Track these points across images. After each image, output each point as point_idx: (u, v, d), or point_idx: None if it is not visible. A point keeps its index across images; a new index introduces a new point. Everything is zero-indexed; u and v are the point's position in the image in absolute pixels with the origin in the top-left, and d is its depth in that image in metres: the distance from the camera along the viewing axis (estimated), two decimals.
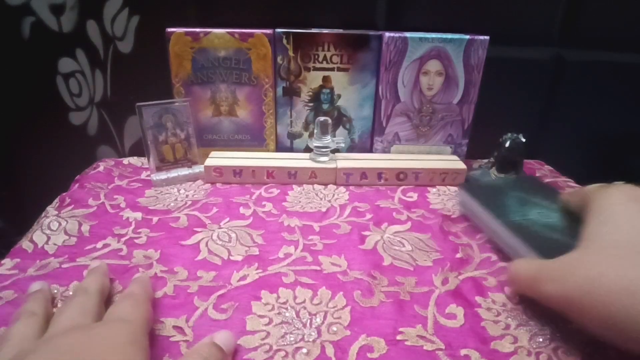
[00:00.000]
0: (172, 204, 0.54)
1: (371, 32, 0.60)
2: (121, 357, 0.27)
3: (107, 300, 0.36)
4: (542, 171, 0.69)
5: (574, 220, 0.39)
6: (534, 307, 0.37)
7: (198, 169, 0.62)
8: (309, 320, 0.35)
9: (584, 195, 0.39)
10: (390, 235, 0.49)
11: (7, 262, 0.42)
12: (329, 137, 0.60)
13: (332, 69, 0.62)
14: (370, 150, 0.67)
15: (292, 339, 0.33)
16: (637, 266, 0.27)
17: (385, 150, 0.66)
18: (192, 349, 0.31)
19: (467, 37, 0.59)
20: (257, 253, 0.45)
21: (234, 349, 0.32)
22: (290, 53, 0.60)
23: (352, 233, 0.49)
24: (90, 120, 0.65)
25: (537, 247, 0.38)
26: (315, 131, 0.60)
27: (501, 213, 0.45)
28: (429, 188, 0.61)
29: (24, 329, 0.30)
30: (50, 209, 0.52)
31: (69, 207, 0.52)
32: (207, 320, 0.35)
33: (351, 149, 0.67)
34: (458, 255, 0.45)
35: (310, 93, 0.63)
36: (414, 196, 0.58)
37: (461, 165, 0.62)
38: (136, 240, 0.46)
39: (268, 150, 0.66)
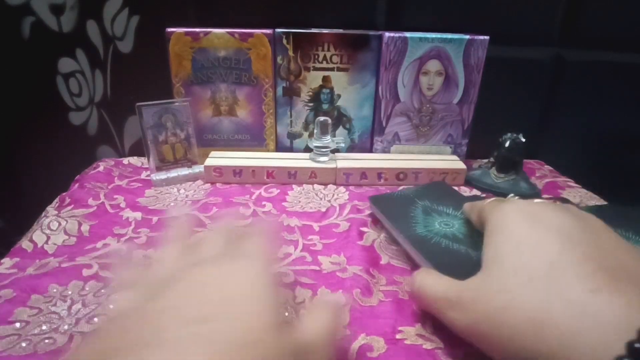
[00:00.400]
0: (172, 204, 0.54)
1: (371, 32, 0.60)
2: (261, 292, 0.25)
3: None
4: (542, 171, 0.69)
5: (475, 229, 0.39)
6: None
7: (198, 169, 0.62)
8: None
9: (480, 210, 0.37)
10: (387, 234, 0.49)
11: (7, 261, 0.42)
12: (328, 137, 0.60)
13: (332, 69, 0.62)
14: (370, 150, 0.67)
15: None
16: (538, 291, 0.25)
17: (385, 150, 0.66)
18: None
19: (467, 37, 0.59)
20: None
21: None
22: (290, 53, 0.60)
23: (350, 229, 0.49)
24: (90, 120, 0.65)
25: (436, 261, 0.38)
26: (315, 131, 0.60)
27: (405, 225, 0.44)
28: None
29: (174, 253, 0.31)
30: (50, 209, 0.52)
31: (69, 207, 0.52)
32: None
33: (351, 149, 0.67)
34: None
35: (310, 93, 0.63)
36: None
37: (461, 165, 0.62)
38: (136, 240, 0.46)
39: (268, 150, 0.66)
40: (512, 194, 0.46)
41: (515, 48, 0.69)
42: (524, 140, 0.59)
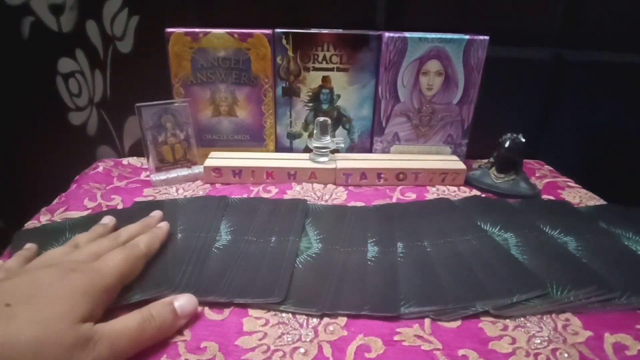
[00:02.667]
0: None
1: (371, 32, 0.60)
2: (70, 302, 0.29)
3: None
4: (542, 171, 0.69)
5: None
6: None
7: (197, 169, 0.61)
8: (305, 321, 0.35)
9: None
10: None
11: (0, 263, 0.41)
12: (328, 137, 0.60)
13: (331, 69, 0.62)
14: (370, 151, 0.67)
15: (289, 339, 0.33)
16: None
17: (385, 151, 0.66)
18: (149, 305, 0.34)
19: (467, 37, 0.59)
20: None
21: (192, 314, 0.35)
22: (290, 53, 0.60)
23: None
24: (89, 120, 0.65)
25: None
26: (314, 131, 0.60)
27: None
28: (428, 187, 0.60)
29: (12, 262, 0.38)
30: (44, 210, 0.51)
31: (62, 209, 0.52)
32: (205, 321, 0.35)
33: (351, 149, 0.67)
34: None
35: (310, 93, 0.63)
36: (412, 196, 0.58)
37: (461, 165, 0.62)
38: None
39: (267, 151, 0.66)
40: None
41: (515, 48, 0.69)
42: (524, 140, 0.58)
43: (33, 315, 0.28)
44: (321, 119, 0.59)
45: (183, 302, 0.34)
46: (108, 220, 0.45)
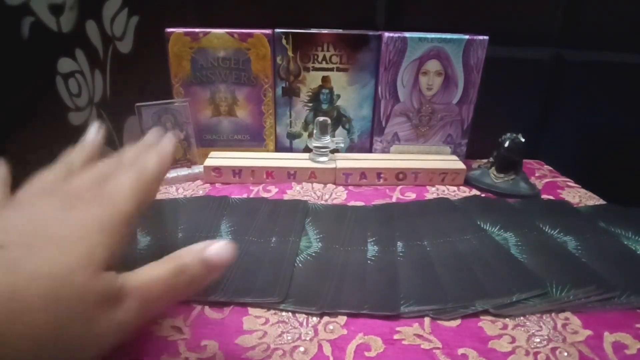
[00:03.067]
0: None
1: (370, 32, 0.60)
2: (86, 243, 0.23)
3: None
4: (542, 171, 0.69)
5: None
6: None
7: (197, 169, 0.62)
8: (305, 320, 0.35)
9: None
10: None
11: None
12: (328, 137, 0.60)
13: (331, 69, 0.62)
14: (370, 151, 0.67)
15: (289, 337, 0.33)
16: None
17: (385, 150, 0.66)
18: (179, 253, 0.27)
19: (467, 37, 0.59)
20: None
21: (227, 264, 0.26)
22: (290, 53, 0.60)
23: None
24: (89, 120, 0.64)
25: None
26: (314, 131, 0.60)
27: None
28: (427, 187, 0.60)
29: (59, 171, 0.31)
30: None
31: None
32: (205, 320, 0.35)
33: (350, 149, 0.67)
34: None
35: (310, 93, 0.63)
36: (412, 195, 0.58)
37: (460, 165, 0.62)
38: None
39: (267, 151, 0.66)
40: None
41: (515, 48, 0.69)
42: (523, 140, 0.58)
43: (40, 264, 0.21)
44: (321, 118, 0.59)
45: (215, 251, 0.26)
46: (95, 130, 0.37)
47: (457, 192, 0.60)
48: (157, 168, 0.31)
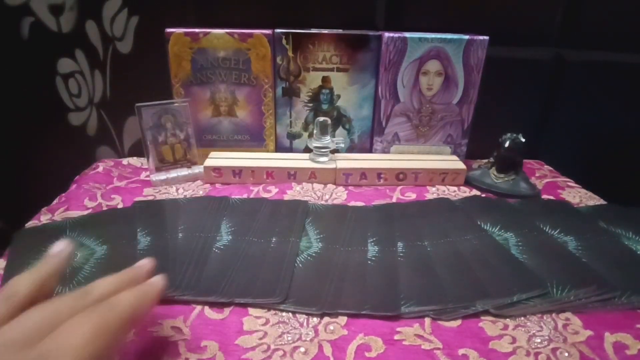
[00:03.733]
0: None
1: (371, 33, 0.60)
2: None
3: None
4: (542, 171, 0.69)
5: None
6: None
7: (197, 169, 0.61)
8: (305, 320, 0.35)
9: None
10: None
11: (0, 262, 0.42)
12: (328, 137, 0.60)
13: (331, 69, 0.62)
14: (370, 151, 0.67)
15: (289, 338, 0.33)
16: None
17: (385, 151, 0.66)
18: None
19: (467, 37, 0.59)
20: None
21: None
22: (290, 53, 0.60)
23: None
24: (89, 120, 0.64)
25: None
26: (314, 131, 0.60)
27: None
28: (427, 187, 0.60)
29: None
30: (44, 210, 0.51)
31: (62, 208, 0.52)
32: (205, 320, 0.35)
33: (351, 149, 0.67)
34: None
35: (310, 93, 0.63)
36: (412, 195, 0.58)
37: (461, 165, 0.62)
38: None
39: (267, 151, 0.66)
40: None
41: (515, 48, 0.69)
42: (523, 140, 0.58)
43: None
44: (321, 119, 0.59)
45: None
46: (61, 247, 0.30)
47: (457, 192, 0.60)
48: (128, 312, 0.26)
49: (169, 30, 0.58)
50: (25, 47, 0.53)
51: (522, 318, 0.36)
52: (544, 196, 0.59)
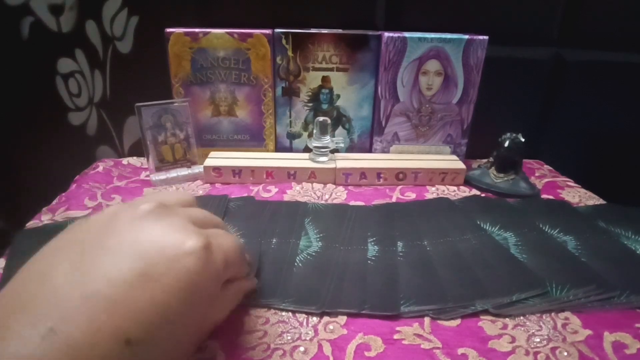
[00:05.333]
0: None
1: (370, 32, 0.60)
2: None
3: None
4: (542, 171, 0.69)
5: None
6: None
7: (197, 169, 0.62)
8: (305, 319, 0.35)
9: None
10: None
11: (0, 261, 0.42)
12: (328, 137, 0.60)
13: (331, 69, 0.62)
14: (370, 150, 0.67)
15: (289, 337, 0.33)
16: None
17: (385, 150, 0.66)
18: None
19: (466, 37, 0.59)
20: None
21: None
22: (290, 53, 0.60)
23: None
24: (89, 120, 0.65)
25: None
26: (314, 131, 0.60)
27: None
28: (427, 187, 0.60)
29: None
30: (44, 210, 0.51)
31: (63, 208, 0.52)
32: None
33: (350, 149, 0.67)
34: None
35: (310, 93, 0.63)
36: (412, 195, 0.58)
37: (460, 165, 0.62)
38: None
39: (267, 151, 0.66)
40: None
41: (515, 48, 0.69)
42: (523, 140, 0.59)
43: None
44: (321, 118, 0.59)
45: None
46: None
47: (457, 192, 0.60)
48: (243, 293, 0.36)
49: (168, 30, 0.58)
50: (25, 47, 0.53)
51: (522, 317, 0.36)
52: (544, 196, 0.59)
